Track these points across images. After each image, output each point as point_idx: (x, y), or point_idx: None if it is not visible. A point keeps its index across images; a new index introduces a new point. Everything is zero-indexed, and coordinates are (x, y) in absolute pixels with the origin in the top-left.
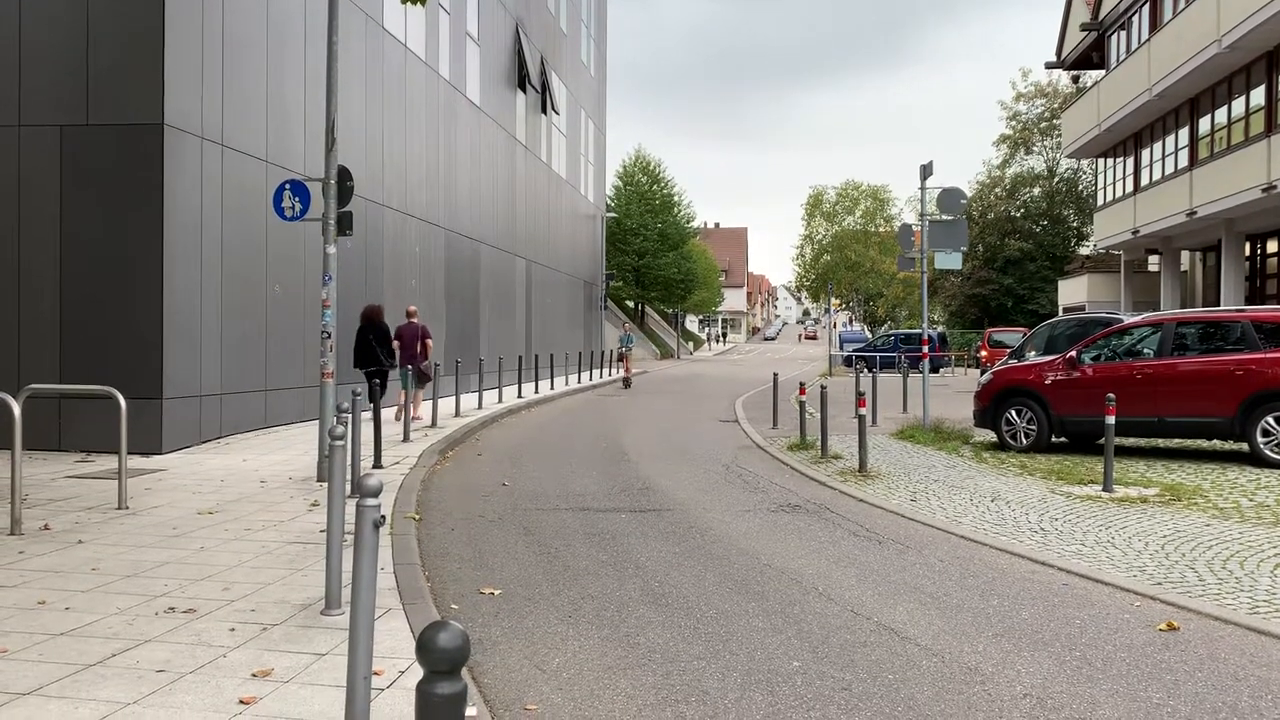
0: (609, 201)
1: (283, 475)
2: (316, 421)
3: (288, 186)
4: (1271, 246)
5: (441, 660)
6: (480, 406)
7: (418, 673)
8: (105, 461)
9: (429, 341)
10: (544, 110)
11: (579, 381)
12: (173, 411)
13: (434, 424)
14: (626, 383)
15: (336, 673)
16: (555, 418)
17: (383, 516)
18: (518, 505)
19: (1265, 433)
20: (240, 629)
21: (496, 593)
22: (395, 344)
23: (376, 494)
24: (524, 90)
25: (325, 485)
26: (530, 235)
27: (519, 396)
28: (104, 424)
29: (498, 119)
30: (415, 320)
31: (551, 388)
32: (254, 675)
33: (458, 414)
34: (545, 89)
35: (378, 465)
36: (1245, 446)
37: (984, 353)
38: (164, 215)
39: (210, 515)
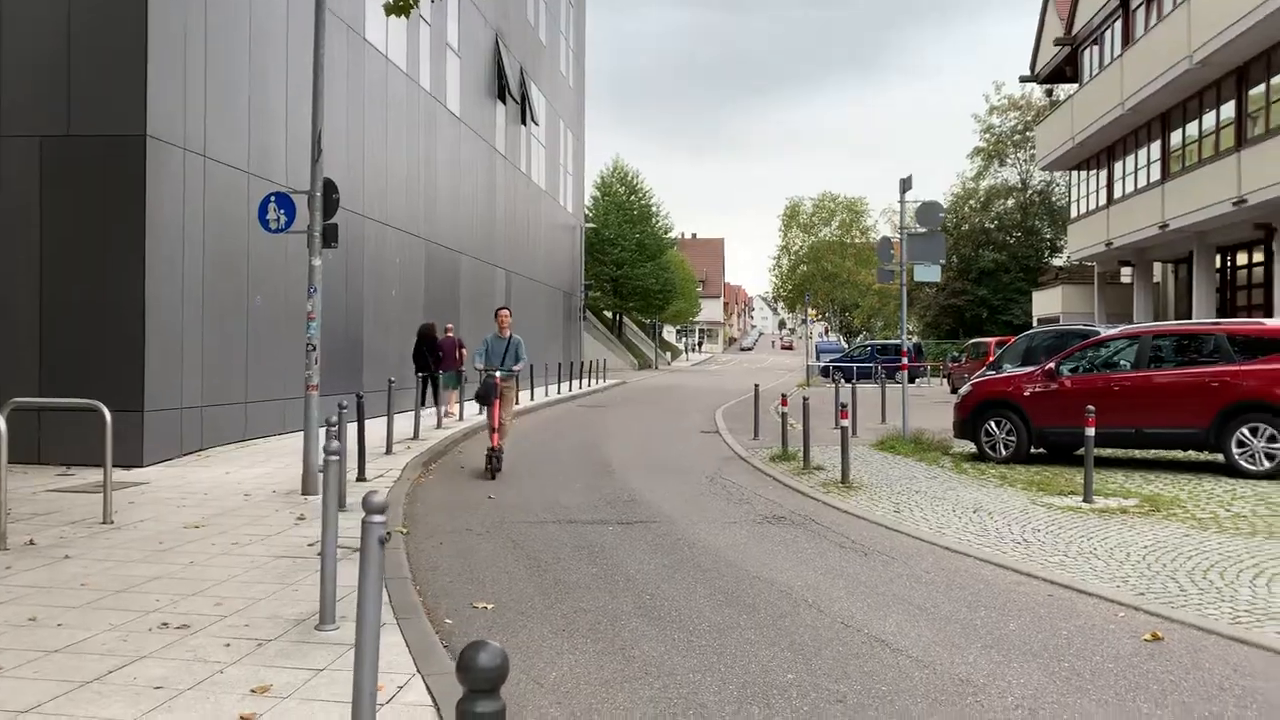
0: (587, 212)
1: (266, 488)
2: (296, 433)
3: (273, 199)
4: (1241, 259)
5: (482, 679)
6: (461, 418)
7: (418, 687)
8: (86, 475)
9: (463, 351)
10: (523, 121)
11: (559, 392)
12: (154, 424)
13: (416, 436)
14: (492, 460)
15: (335, 688)
16: (536, 429)
17: (389, 533)
18: (505, 518)
19: (1240, 444)
20: (235, 644)
21: (489, 607)
22: (439, 354)
23: (382, 510)
24: (504, 101)
25: (309, 499)
26: (510, 246)
27: None
28: (84, 437)
29: (478, 130)
30: (452, 335)
31: (531, 399)
32: (252, 691)
33: (439, 426)
34: (525, 100)
35: (361, 479)
36: (1220, 457)
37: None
38: (146, 227)
39: (197, 529)
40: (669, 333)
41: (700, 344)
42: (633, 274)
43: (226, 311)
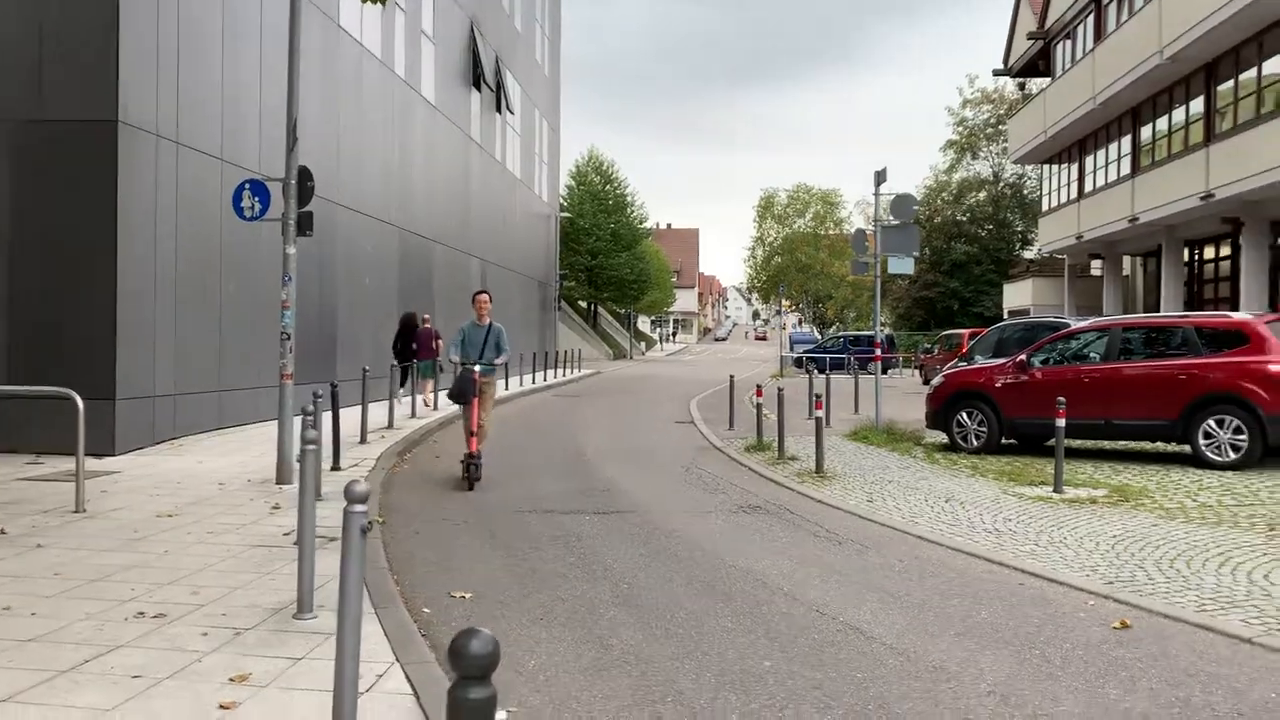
0: (562, 201)
1: (240, 477)
2: (269, 422)
3: (247, 186)
4: (1209, 253)
5: (473, 666)
6: (436, 408)
7: (397, 676)
8: (56, 463)
9: (439, 341)
10: (498, 109)
11: (533, 382)
12: (126, 412)
13: (390, 425)
14: (469, 468)
15: (314, 677)
16: (511, 419)
17: (370, 522)
18: (481, 508)
19: (1207, 435)
20: (213, 633)
21: (467, 596)
22: (414, 345)
23: (364, 500)
24: (479, 89)
25: (284, 488)
26: (484, 235)
27: None
28: (54, 425)
29: (453, 117)
30: (429, 326)
31: (506, 388)
32: (231, 680)
33: (413, 415)
34: (500, 88)
35: (336, 468)
36: (1188, 448)
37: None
38: (118, 213)
39: (171, 518)
40: (644, 323)
41: (675, 334)
42: (608, 264)
43: (199, 299)
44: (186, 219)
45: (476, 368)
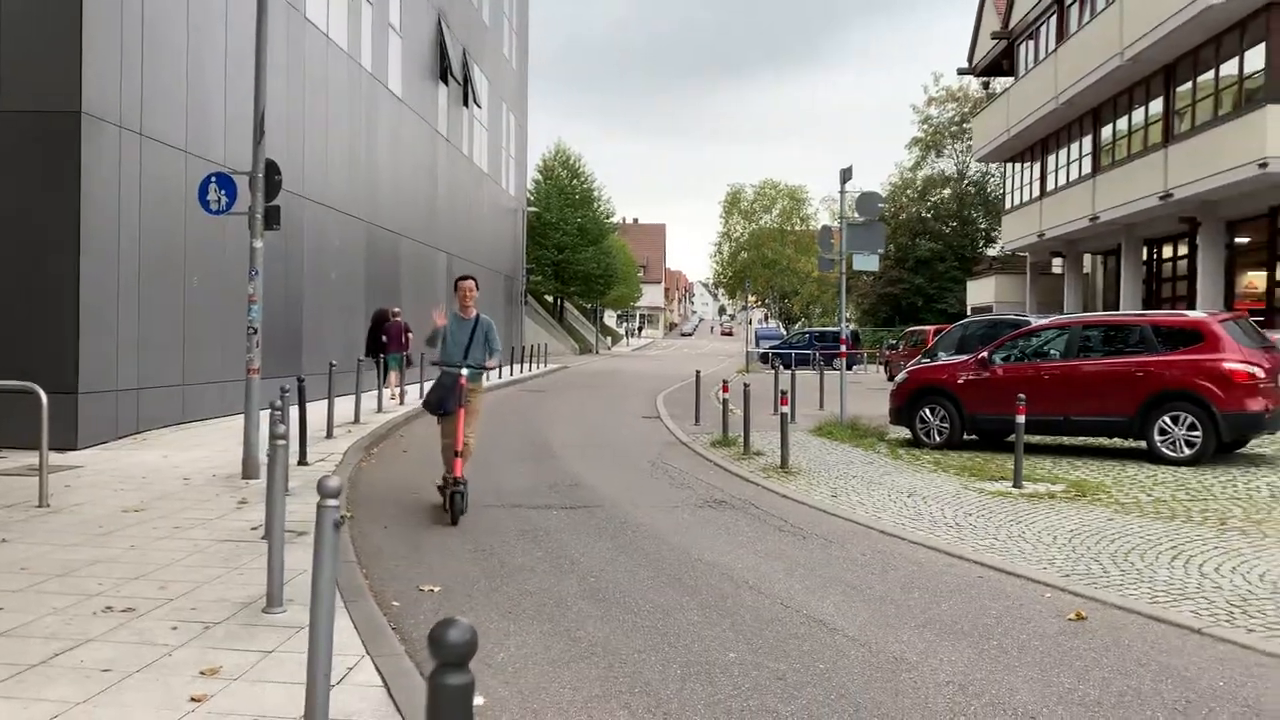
0: (529, 195)
1: (206, 472)
2: (234, 416)
3: (214, 179)
4: (1167, 251)
5: (452, 654)
6: (402, 403)
7: (367, 668)
8: (18, 458)
9: (409, 335)
10: (465, 103)
11: (500, 376)
12: (88, 406)
13: (356, 420)
14: (454, 497)
15: (284, 670)
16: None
17: (342, 517)
18: None
19: (1162, 431)
20: (182, 628)
21: (436, 589)
22: (383, 338)
23: (336, 494)
24: (446, 82)
25: (250, 482)
26: (451, 229)
27: None
28: (14, 419)
29: (419, 111)
30: (400, 319)
31: None
32: (202, 673)
33: (380, 410)
34: (467, 81)
35: (303, 463)
36: (1144, 444)
37: None
38: (81, 206)
39: (137, 513)
40: (610, 318)
41: (641, 329)
42: (574, 258)
43: (163, 292)
44: (150, 212)
45: (463, 371)
